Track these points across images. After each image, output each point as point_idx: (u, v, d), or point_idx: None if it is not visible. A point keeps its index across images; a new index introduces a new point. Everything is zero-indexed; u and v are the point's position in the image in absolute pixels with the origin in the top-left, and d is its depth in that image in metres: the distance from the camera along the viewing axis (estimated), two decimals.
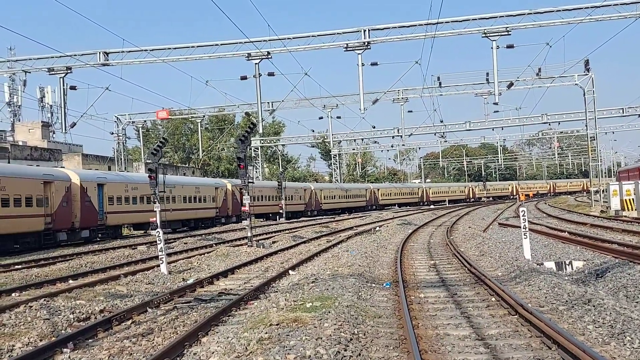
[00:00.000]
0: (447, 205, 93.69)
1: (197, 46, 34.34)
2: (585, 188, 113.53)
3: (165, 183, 35.83)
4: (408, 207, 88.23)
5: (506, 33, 31.24)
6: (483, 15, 31.74)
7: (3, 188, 27.66)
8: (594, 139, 52.50)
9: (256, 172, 69.40)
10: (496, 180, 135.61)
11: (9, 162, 40.15)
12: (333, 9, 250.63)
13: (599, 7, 30.18)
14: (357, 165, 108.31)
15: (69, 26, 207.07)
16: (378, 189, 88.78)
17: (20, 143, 58.46)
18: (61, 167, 42.25)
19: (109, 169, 48.50)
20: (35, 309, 11.94)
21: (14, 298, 14.55)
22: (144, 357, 8.85)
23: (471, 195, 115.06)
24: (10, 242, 28.53)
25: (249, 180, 26.72)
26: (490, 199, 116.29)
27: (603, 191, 50.58)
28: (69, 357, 8.93)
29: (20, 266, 21.75)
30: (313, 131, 74.23)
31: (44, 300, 12.82)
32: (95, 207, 34.22)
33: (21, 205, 28.65)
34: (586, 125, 51.15)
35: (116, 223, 36.55)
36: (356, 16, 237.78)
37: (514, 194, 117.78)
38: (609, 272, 14.39)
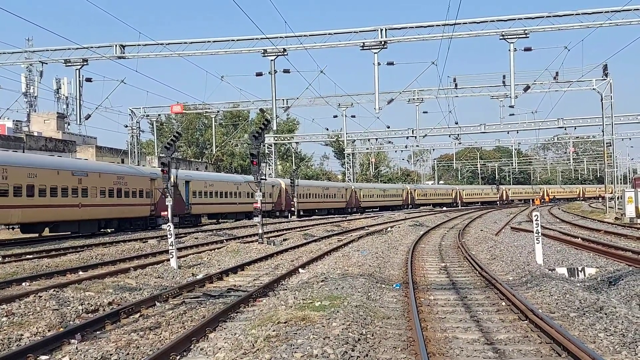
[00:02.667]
0: (480, 206, 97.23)
1: (213, 41, 34.40)
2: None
3: (241, 181, 46.80)
4: (441, 207, 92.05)
5: (524, 36, 31.02)
6: (501, 17, 31.54)
7: (126, 184, 36.13)
8: (610, 145, 52.01)
9: (269, 169, 69.47)
10: (510, 184, 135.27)
11: (23, 152, 40.48)
12: (350, 8, 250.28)
13: (619, 11, 29.87)
14: (371, 165, 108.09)
15: (86, 18, 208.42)
16: (415, 190, 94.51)
17: (36, 134, 58.89)
18: (77, 158, 42.81)
19: (122, 161, 48.76)
20: (45, 299, 11.98)
21: (24, 287, 14.65)
22: (150, 350, 8.84)
23: (504, 198, 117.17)
24: (127, 224, 37.08)
25: (262, 177, 26.69)
26: (522, 201, 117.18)
27: (618, 198, 50.12)
28: (77, 348, 8.94)
29: (31, 256, 21.90)
30: (327, 129, 74.40)
31: (54, 290, 12.86)
32: (184, 199, 41.73)
33: (136, 196, 37.09)
34: (602, 131, 50.69)
35: (198, 213, 44.46)
36: (373, 15, 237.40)
37: (544, 197, 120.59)
38: (622, 279, 14.21)
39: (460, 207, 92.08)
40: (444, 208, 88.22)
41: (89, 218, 33.32)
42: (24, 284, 15.30)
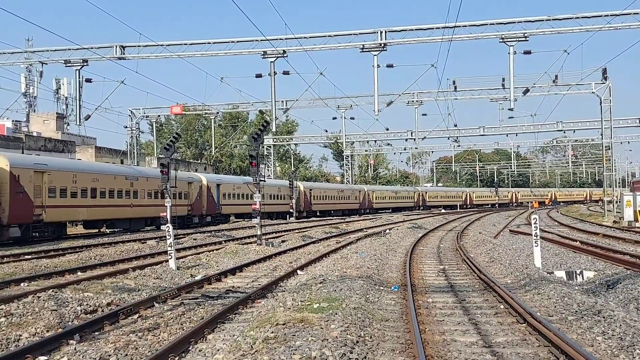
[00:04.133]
0: (490, 208, 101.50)
1: (213, 42, 34.45)
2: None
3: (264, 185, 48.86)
4: (452, 208, 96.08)
5: (524, 39, 31.08)
6: (501, 20, 31.61)
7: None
8: (609, 149, 52.08)
9: (268, 170, 69.51)
10: (508, 187, 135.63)
11: (22, 152, 40.56)
12: (350, 10, 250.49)
13: (618, 15, 29.94)
14: (369, 167, 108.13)
15: (87, 19, 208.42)
16: (425, 192, 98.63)
17: (35, 134, 58.81)
18: (77, 159, 43.22)
19: (122, 162, 48.85)
20: (43, 300, 11.97)
21: (22, 288, 14.63)
22: (149, 351, 8.84)
23: (514, 200, 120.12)
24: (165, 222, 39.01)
25: (260, 179, 26.70)
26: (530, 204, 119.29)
27: (616, 201, 50.18)
28: (75, 348, 8.94)
29: (30, 256, 21.88)
30: (326, 131, 74.37)
31: (52, 291, 12.85)
32: (215, 201, 46.43)
33: (176, 198, 37.29)
34: (602, 134, 50.77)
35: (227, 212, 48.89)
36: (373, 17, 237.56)
37: (552, 200, 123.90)
38: (620, 283, 14.24)
39: (470, 209, 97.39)
40: (448, 210, 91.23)
41: (139, 217, 37.49)
42: (22, 284, 15.28)
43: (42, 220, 29.56)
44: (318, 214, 66.64)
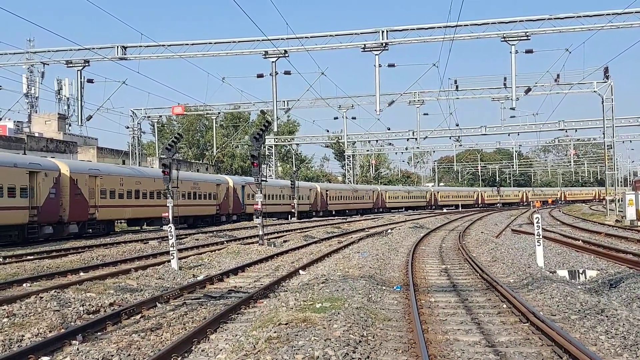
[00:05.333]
0: (501, 207, 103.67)
1: (215, 42, 34.42)
2: None
3: (283, 186, 57.90)
4: (464, 207, 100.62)
5: (525, 38, 31.03)
6: (502, 19, 31.54)
7: (199, 188, 44.63)
8: (611, 148, 52.00)
9: (269, 170, 69.49)
10: (510, 186, 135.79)
11: (24, 153, 40.66)
12: (351, 9, 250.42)
13: (620, 13, 29.88)
14: (371, 167, 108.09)
15: (88, 19, 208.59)
16: (438, 192, 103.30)
17: (37, 134, 58.87)
18: (79, 160, 43.52)
19: (123, 162, 48.88)
20: (46, 300, 11.98)
21: (24, 288, 14.65)
22: (152, 352, 8.84)
23: (524, 200, 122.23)
24: (199, 221, 44.81)
25: (262, 179, 26.69)
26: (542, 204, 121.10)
27: (618, 200, 50.11)
28: (78, 349, 8.94)
29: (32, 257, 21.89)
30: (328, 131, 74.39)
31: (55, 291, 12.86)
32: (240, 201, 50.96)
33: (206, 198, 45.54)
34: (603, 134, 50.66)
35: (251, 212, 49.66)
36: (374, 17, 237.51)
37: (561, 199, 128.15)
38: (623, 282, 14.21)
39: (481, 208, 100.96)
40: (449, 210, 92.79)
41: (175, 216, 38.46)
42: (24, 284, 15.30)
43: (95, 218, 33.60)
44: (334, 213, 70.21)
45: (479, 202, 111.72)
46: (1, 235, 27.60)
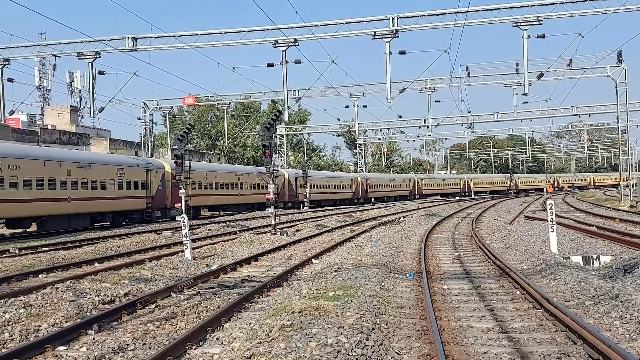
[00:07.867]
0: (534, 193, 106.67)
1: (225, 32, 34.42)
2: None
3: (310, 176, 61.23)
4: (497, 194, 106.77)
5: (537, 22, 30.76)
6: (514, 4, 31.28)
7: (240, 178, 50.32)
8: (625, 132, 51.55)
9: (281, 160, 69.55)
10: (524, 173, 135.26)
11: (38, 145, 41.02)
12: None
13: None
14: (383, 155, 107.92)
15: (99, 11, 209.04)
16: (471, 179, 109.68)
17: (50, 127, 59.25)
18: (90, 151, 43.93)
19: (136, 154, 49.10)
20: (62, 291, 12.10)
21: (40, 279, 14.80)
22: (167, 340, 8.92)
23: (555, 185, 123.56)
24: (244, 208, 50.49)
25: (274, 168, 26.71)
26: (570, 189, 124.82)
27: (633, 185, 49.72)
28: (94, 338, 9.03)
29: (47, 248, 22.10)
30: (339, 120, 74.31)
31: (70, 282, 12.98)
32: (295, 190, 59.18)
33: (249, 188, 51.55)
34: (617, 118, 50.24)
35: (302, 199, 59.17)
36: (385, 4, 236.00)
37: (591, 184, 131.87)
38: (638, 267, 14.11)
39: (515, 194, 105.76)
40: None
41: (244, 203, 50.74)
42: (40, 275, 15.45)
43: (188, 205, 36.51)
44: (373, 200, 77.93)
45: (513, 188, 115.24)
46: (129, 217, 36.08)
